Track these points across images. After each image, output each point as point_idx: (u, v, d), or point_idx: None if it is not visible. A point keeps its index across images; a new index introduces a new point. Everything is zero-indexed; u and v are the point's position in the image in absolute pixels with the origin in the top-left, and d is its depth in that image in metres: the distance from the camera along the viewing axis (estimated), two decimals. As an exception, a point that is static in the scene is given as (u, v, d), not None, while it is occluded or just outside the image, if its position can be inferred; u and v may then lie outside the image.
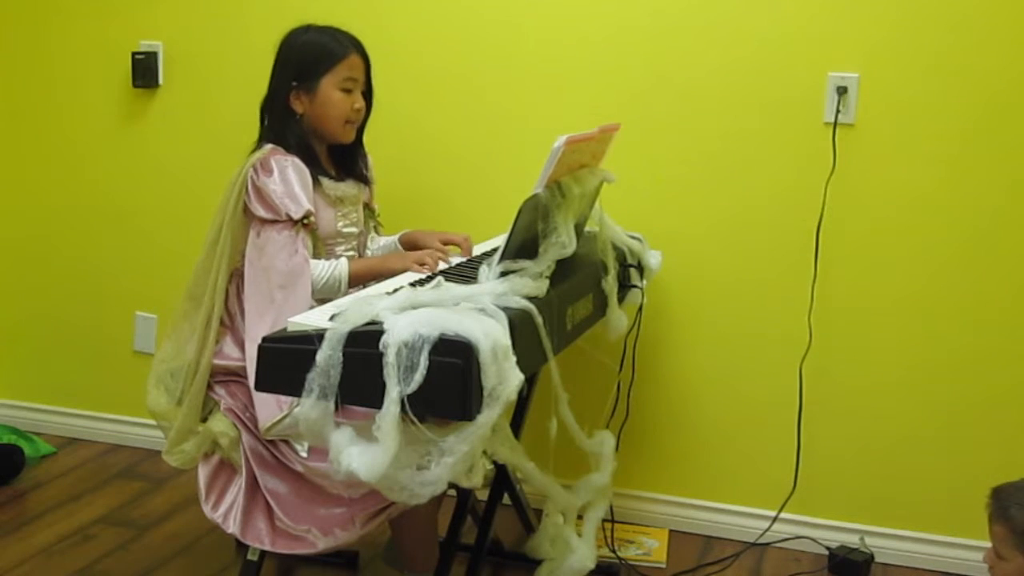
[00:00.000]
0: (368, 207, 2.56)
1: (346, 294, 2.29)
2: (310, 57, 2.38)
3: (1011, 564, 1.94)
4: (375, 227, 2.60)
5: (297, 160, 2.32)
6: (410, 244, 2.55)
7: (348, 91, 2.39)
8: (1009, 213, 2.66)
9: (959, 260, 2.70)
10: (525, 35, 2.91)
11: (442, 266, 2.27)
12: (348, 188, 2.44)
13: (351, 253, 2.46)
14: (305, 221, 2.28)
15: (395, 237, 2.58)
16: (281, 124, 2.38)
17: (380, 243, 2.59)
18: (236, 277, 2.36)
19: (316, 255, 2.33)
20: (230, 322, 2.35)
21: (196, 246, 2.40)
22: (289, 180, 2.29)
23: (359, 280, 2.33)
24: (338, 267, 2.32)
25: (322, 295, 2.28)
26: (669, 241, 2.81)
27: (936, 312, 2.73)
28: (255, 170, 2.30)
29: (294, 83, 2.38)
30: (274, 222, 2.27)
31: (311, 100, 2.38)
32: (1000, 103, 2.63)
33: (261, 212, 2.28)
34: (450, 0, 2.94)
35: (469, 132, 2.98)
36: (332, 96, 2.38)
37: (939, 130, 2.67)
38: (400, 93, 2.89)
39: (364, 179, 2.52)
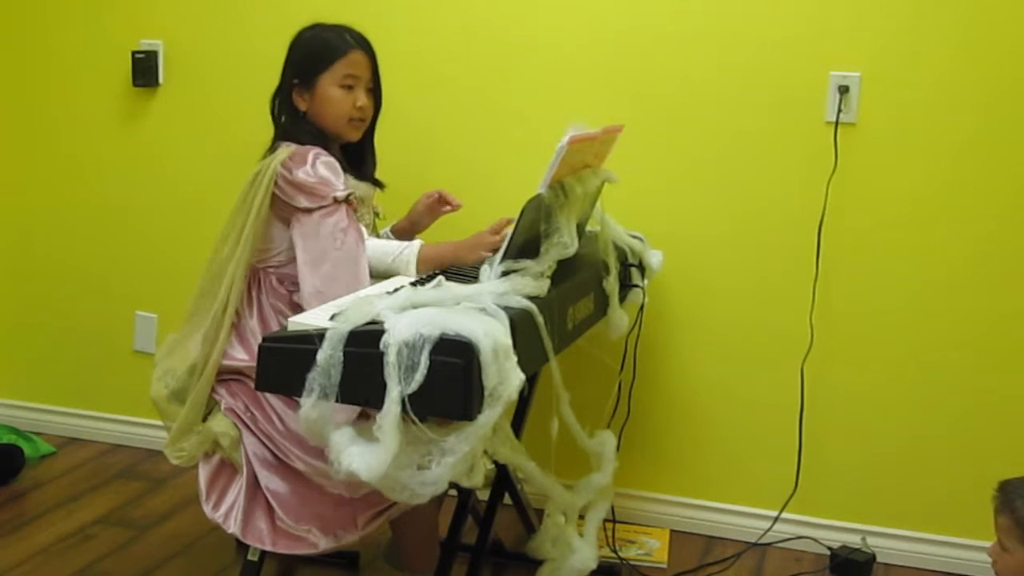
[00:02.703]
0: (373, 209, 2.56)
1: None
2: (309, 54, 2.37)
3: (1014, 556, 1.95)
4: (375, 226, 2.60)
5: (323, 151, 2.32)
6: (402, 231, 2.56)
7: (349, 88, 2.38)
8: (1012, 211, 2.66)
9: (961, 259, 2.70)
10: (528, 35, 2.90)
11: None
12: (366, 189, 2.43)
13: None
14: (349, 199, 2.27)
15: (386, 230, 2.57)
16: (291, 123, 2.38)
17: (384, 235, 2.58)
18: (249, 276, 2.35)
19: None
20: (237, 320, 2.34)
21: (197, 246, 2.40)
22: (323, 167, 2.27)
23: (428, 266, 2.26)
24: (408, 248, 2.27)
25: (384, 275, 2.26)
26: (670, 240, 2.81)
27: (938, 311, 2.73)
28: (285, 168, 2.27)
29: (295, 81, 2.37)
30: (319, 208, 2.24)
31: (311, 98, 2.37)
32: (1003, 102, 2.62)
33: (304, 203, 2.25)
34: (453, 0, 2.95)
35: (472, 132, 2.98)
36: (330, 93, 2.37)
37: (941, 129, 2.67)
38: (402, 93, 2.87)
39: (376, 182, 2.51)
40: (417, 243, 2.30)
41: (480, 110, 2.96)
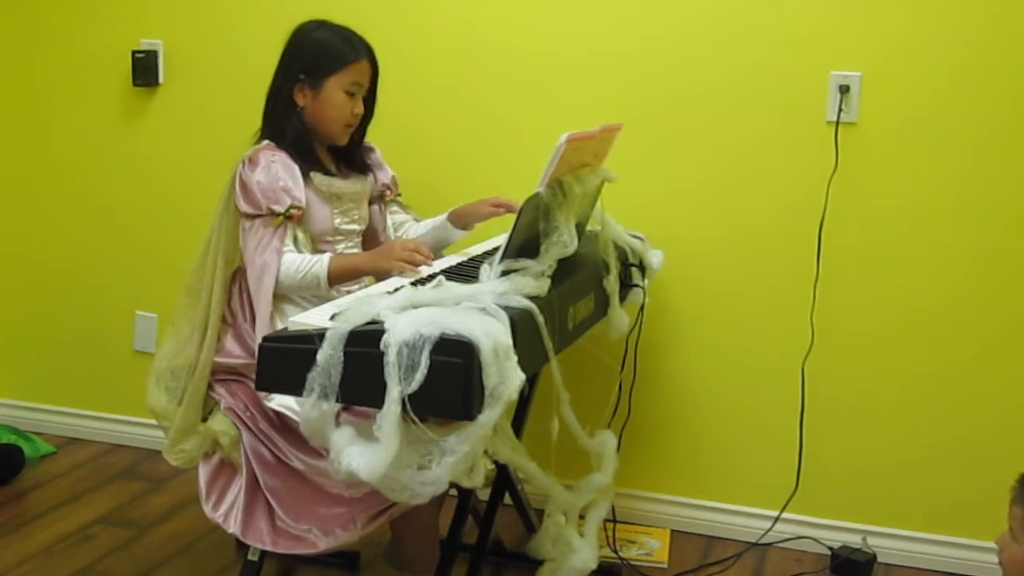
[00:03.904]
0: (391, 199, 2.56)
1: (331, 291, 2.28)
2: (321, 54, 2.37)
3: (1022, 547, 1.94)
4: (397, 211, 2.60)
5: (285, 156, 2.32)
6: (460, 218, 2.51)
7: (351, 95, 2.39)
8: (1014, 211, 2.65)
9: (962, 259, 2.69)
10: (527, 34, 2.90)
11: (428, 271, 2.22)
12: (347, 185, 2.43)
13: (355, 251, 2.45)
14: (288, 214, 2.27)
15: (443, 216, 2.53)
16: (281, 115, 2.38)
17: (430, 224, 2.56)
18: (239, 276, 2.36)
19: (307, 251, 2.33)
20: (232, 320, 2.35)
21: (197, 246, 2.40)
22: (274, 174, 2.29)
23: (341, 278, 2.27)
24: (317, 263, 2.26)
25: (302, 292, 2.28)
26: (671, 240, 2.80)
27: (938, 311, 2.72)
28: (243, 165, 2.31)
29: (301, 76, 2.37)
30: (254, 216, 2.28)
31: (314, 96, 2.37)
32: (1004, 101, 2.62)
33: (243, 206, 2.29)
34: (452, 2, 2.94)
35: (470, 132, 2.97)
36: (335, 97, 2.37)
37: (942, 128, 2.66)
38: (400, 93, 2.87)
39: (368, 170, 2.52)
40: (326, 257, 2.28)
41: (479, 109, 2.96)
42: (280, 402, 2.20)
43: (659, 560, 2.80)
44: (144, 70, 3.18)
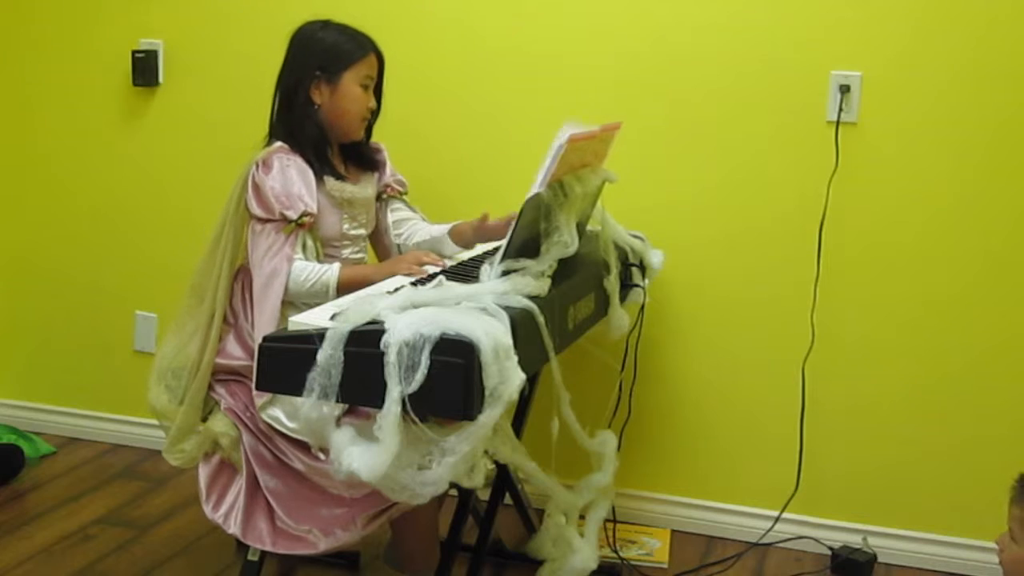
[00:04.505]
0: (393, 195, 2.55)
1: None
2: (335, 50, 2.36)
3: (1022, 548, 1.94)
4: (400, 208, 2.58)
5: (300, 160, 2.32)
6: (459, 235, 2.51)
7: (365, 87, 2.40)
8: (1014, 211, 2.65)
9: (963, 258, 2.69)
10: (527, 34, 2.90)
11: (433, 270, 2.22)
12: (358, 190, 2.42)
13: (360, 255, 2.45)
14: (300, 221, 2.27)
15: (445, 229, 2.52)
16: (298, 115, 2.36)
17: (431, 232, 2.55)
18: (241, 275, 2.36)
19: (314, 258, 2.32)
20: (234, 320, 2.35)
21: (197, 245, 2.40)
22: (289, 178, 2.28)
23: (351, 287, 2.23)
24: (327, 272, 2.26)
25: (309, 299, 2.24)
26: (671, 240, 2.80)
27: (939, 311, 2.72)
28: (257, 167, 2.29)
29: (317, 73, 2.36)
30: (266, 220, 2.27)
31: (332, 92, 2.37)
32: (1005, 100, 2.62)
33: (255, 209, 2.28)
34: (452, 0, 2.95)
35: (470, 132, 2.97)
36: (352, 91, 2.37)
37: (943, 128, 2.66)
38: (400, 92, 2.87)
39: (377, 168, 2.51)
40: (336, 266, 2.28)
41: (479, 109, 2.96)
42: (270, 413, 2.19)
43: (659, 560, 2.80)
44: (144, 70, 3.18)
